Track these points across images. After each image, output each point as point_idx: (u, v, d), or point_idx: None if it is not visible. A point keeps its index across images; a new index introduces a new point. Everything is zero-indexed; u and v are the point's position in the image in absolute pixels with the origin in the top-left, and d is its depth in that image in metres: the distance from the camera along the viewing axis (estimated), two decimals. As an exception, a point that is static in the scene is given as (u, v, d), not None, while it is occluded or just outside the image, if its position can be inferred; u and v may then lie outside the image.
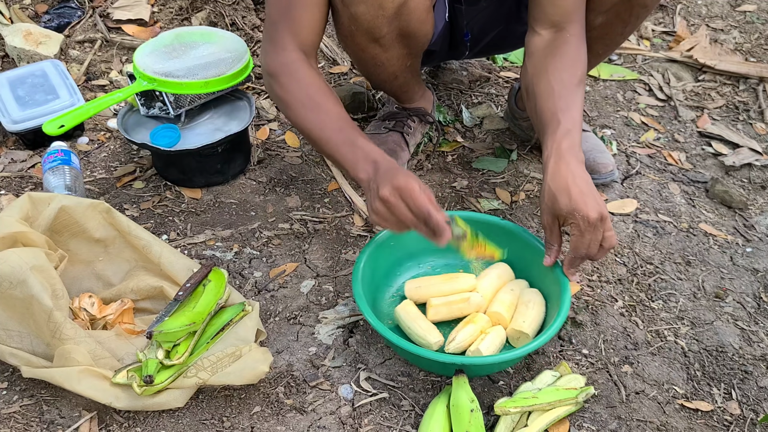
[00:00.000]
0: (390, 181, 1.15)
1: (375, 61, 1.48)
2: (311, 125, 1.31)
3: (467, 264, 1.44)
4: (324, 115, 1.30)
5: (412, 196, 1.13)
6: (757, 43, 2.34)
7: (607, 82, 2.15)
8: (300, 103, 1.32)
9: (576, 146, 1.24)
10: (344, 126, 1.29)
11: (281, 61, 1.34)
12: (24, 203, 1.28)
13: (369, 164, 1.22)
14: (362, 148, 1.25)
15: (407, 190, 1.14)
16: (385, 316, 1.34)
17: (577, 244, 1.20)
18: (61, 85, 1.82)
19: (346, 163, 1.27)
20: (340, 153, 1.27)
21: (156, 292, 1.30)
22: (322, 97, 1.32)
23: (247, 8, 2.22)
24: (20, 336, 1.18)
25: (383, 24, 1.36)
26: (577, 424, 1.19)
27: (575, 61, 1.34)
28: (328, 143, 1.29)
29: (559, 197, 1.20)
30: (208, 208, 1.62)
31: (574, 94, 1.30)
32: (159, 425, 1.16)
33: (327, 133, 1.29)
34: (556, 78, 1.30)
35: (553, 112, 1.27)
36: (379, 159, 1.23)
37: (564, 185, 1.19)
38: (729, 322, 1.40)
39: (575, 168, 1.21)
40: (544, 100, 1.30)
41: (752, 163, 1.81)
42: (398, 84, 1.62)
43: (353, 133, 1.28)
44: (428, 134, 1.82)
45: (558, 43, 1.34)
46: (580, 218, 1.17)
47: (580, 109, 1.30)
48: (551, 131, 1.26)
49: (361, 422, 1.18)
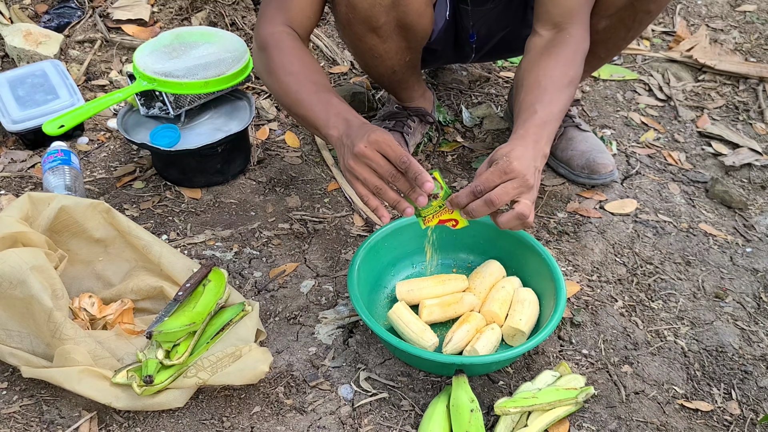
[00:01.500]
0: (365, 135, 1.14)
1: (373, 52, 1.48)
2: (288, 87, 1.30)
3: (460, 263, 1.44)
4: (302, 77, 1.30)
5: (390, 146, 1.12)
6: (757, 43, 2.34)
7: (607, 82, 2.15)
8: (280, 67, 1.32)
9: (543, 139, 1.20)
10: (320, 88, 1.28)
11: (268, 31, 1.35)
12: (24, 203, 1.28)
13: (341, 121, 1.21)
14: (335, 106, 1.24)
15: (384, 141, 1.12)
16: (380, 318, 1.34)
17: (483, 177, 1.13)
18: (61, 85, 1.82)
19: (318, 121, 1.25)
20: (313, 111, 1.26)
21: (156, 292, 1.30)
22: (302, 63, 1.32)
23: (247, 8, 2.22)
24: (20, 336, 1.18)
25: (381, 13, 1.36)
26: (577, 424, 1.19)
27: (569, 62, 1.32)
28: (302, 104, 1.28)
29: (502, 148, 1.16)
30: (208, 208, 1.62)
31: (561, 93, 1.28)
32: (159, 425, 1.16)
33: (302, 94, 1.28)
34: (545, 74, 1.29)
35: (531, 103, 1.25)
36: (351, 117, 1.22)
37: (510, 147, 1.15)
38: (729, 322, 1.40)
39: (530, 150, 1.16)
40: (528, 93, 1.28)
41: (752, 163, 1.81)
42: (397, 80, 1.62)
43: (328, 95, 1.27)
44: (428, 134, 1.82)
45: (556, 42, 1.34)
46: (504, 160, 1.13)
47: (562, 108, 1.27)
48: (524, 119, 1.23)
49: (361, 422, 1.18)
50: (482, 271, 1.38)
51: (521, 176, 1.12)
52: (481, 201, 1.14)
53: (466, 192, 1.15)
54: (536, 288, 1.34)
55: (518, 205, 1.14)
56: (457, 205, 1.18)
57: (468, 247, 1.43)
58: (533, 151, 1.17)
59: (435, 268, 1.43)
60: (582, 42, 1.35)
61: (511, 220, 1.15)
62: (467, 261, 1.45)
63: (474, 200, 1.15)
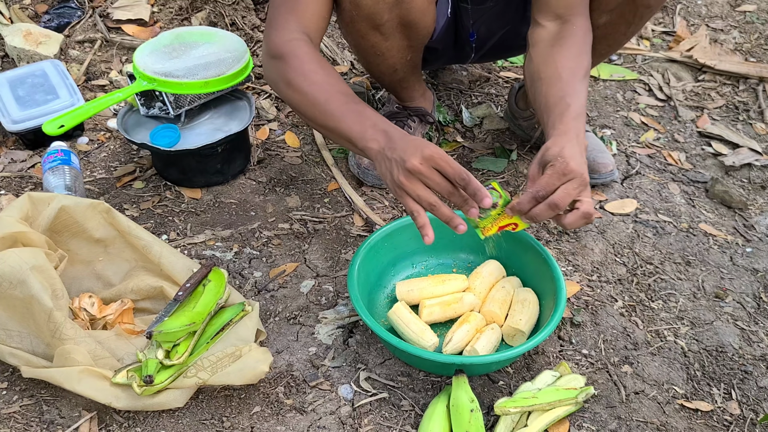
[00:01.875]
0: (417, 150, 1.10)
1: (375, 50, 1.47)
2: (314, 98, 1.24)
3: (460, 263, 1.44)
4: (328, 86, 1.24)
5: (448, 162, 1.09)
6: (757, 43, 2.34)
7: (607, 82, 2.15)
8: (302, 77, 1.25)
9: (582, 132, 1.20)
10: (349, 99, 1.23)
11: (283, 39, 1.29)
12: (24, 203, 1.28)
13: (379, 133, 1.16)
14: (370, 117, 1.19)
15: (440, 158, 1.09)
16: (380, 318, 1.34)
17: (543, 181, 1.12)
18: (61, 85, 1.82)
19: (353, 134, 1.19)
20: (346, 124, 1.20)
21: (156, 292, 1.30)
22: (325, 72, 1.26)
23: (247, 8, 2.22)
24: (20, 336, 1.18)
25: (384, 10, 1.36)
26: (577, 424, 1.19)
27: (581, 53, 1.31)
28: (332, 115, 1.22)
29: (552, 149, 1.14)
30: (208, 208, 1.62)
31: (582, 84, 1.27)
32: (159, 425, 1.16)
33: (332, 105, 1.22)
34: (563, 66, 1.27)
35: (560, 96, 1.23)
36: (389, 129, 1.17)
37: (560, 146, 1.14)
38: (729, 322, 1.40)
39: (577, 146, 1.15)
40: (551, 85, 1.25)
41: (752, 163, 1.81)
42: (398, 78, 1.62)
43: (359, 105, 1.22)
44: (428, 134, 1.82)
45: (564, 34, 1.32)
46: (560, 161, 1.11)
47: (585, 99, 1.26)
48: (559, 113, 1.20)
49: (361, 422, 1.18)
50: (482, 271, 1.38)
51: (579, 175, 1.11)
52: (545, 205, 1.12)
53: (527, 198, 1.13)
54: (536, 288, 1.34)
55: (582, 205, 1.13)
56: (519, 212, 1.16)
57: (468, 247, 1.43)
58: (579, 147, 1.16)
59: (423, 266, 1.43)
60: (588, 33, 1.35)
61: (578, 220, 1.14)
62: (467, 261, 1.45)
63: (536, 205, 1.13)
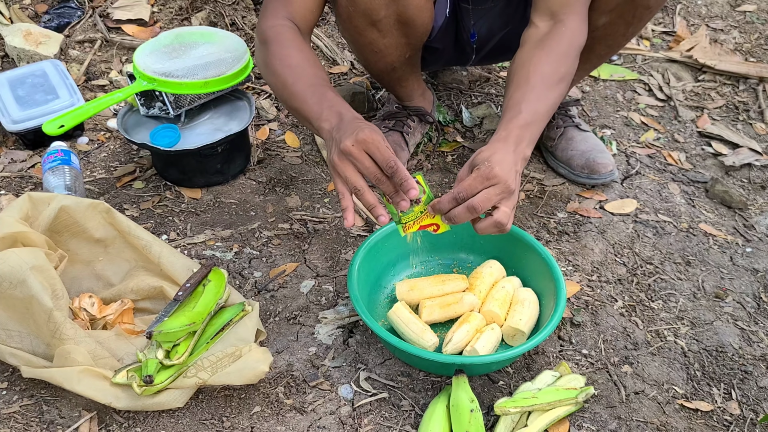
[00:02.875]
0: (354, 133, 1.12)
1: (373, 47, 1.48)
2: (285, 80, 1.29)
3: (460, 263, 1.44)
4: (299, 70, 1.28)
5: (379, 148, 1.11)
6: (757, 43, 2.34)
7: (607, 82, 2.15)
8: (278, 59, 1.30)
9: (525, 140, 1.19)
10: (317, 81, 1.27)
11: (269, 24, 1.34)
12: (24, 203, 1.28)
13: (333, 115, 1.20)
14: (329, 99, 1.23)
15: (373, 142, 1.11)
16: (380, 318, 1.34)
17: (465, 183, 1.12)
18: (61, 85, 1.82)
19: (311, 114, 1.23)
20: (308, 104, 1.24)
21: (156, 292, 1.30)
22: (302, 56, 1.30)
23: (247, 8, 2.22)
24: (20, 336, 1.18)
25: (381, 6, 1.37)
26: (577, 424, 1.19)
27: (562, 58, 1.30)
28: (297, 96, 1.27)
29: (483, 152, 1.15)
30: (208, 208, 1.62)
31: (550, 91, 1.26)
32: (159, 425, 1.16)
33: (297, 86, 1.27)
34: (536, 71, 1.27)
35: (517, 101, 1.23)
36: (344, 111, 1.20)
37: (491, 151, 1.14)
38: (729, 322, 1.40)
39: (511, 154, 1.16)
40: (516, 89, 1.26)
41: (752, 163, 1.81)
42: (396, 77, 1.62)
43: (324, 88, 1.26)
44: (428, 134, 1.82)
45: (551, 36, 1.31)
46: (486, 166, 1.12)
47: (550, 107, 1.26)
48: (508, 118, 1.22)
49: (361, 422, 1.18)
50: (482, 271, 1.38)
51: (503, 182, 1.12)
52: (464, 207, 1.13)
53: (448, 198, 1.14)
54: (536, 288, 1.34)
55: (497, 213, 1.14)
56: (439, 211, 1.17)
57: (468, 247, 1.43)
58: (514, 155, 1.16)
59: (423, 267, 1.43)
60: (578, 35, 1.33)
61: (488, 227, 1.16)
62: (467, 261, 1.45)
63: (456, 206, 1.14)
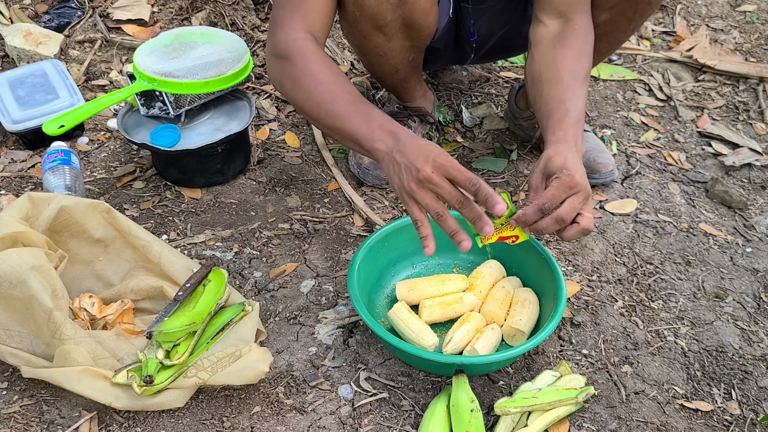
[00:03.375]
0: (428, 158, 1.09)
1: (377, 50, 1.47)
2: (320, 98, 1.23)
3: (461, 263, 1.44)
4: (335, 87, 1.23)
5: (459, 169, 1.08)
6: (757, 43, 2.34)
7: (607, 82, 2.15)
8: (309, 77, 1.24)
9: (581, 138, 1.20)
10: (356, 98, 1.22)
11: (289, 38, 1.28)
12: (24, 203, 1.28)
13: (387, 134, 1.16)
14: (377, 118, 1.18)
15: (452, 165, 1.08)
16: (380, 318, 1.34)
17: (549, 194, 1.11)
18: (61, 85, 1.82)
19: (360, 135, 1.18)
20: (353, 124, 1.19)
21: (156, 292, 1.30)
22: (331, 71, 1.25)
23: (247, 8, 2.22)
24: (20, 336, 1.18)
25: (387, 11, 1.36)
26: (577, 424, 1.19)
27: (582, 54, 1.31)
28: (338, 116, 1.21)
29: (555, 159, 1.14)
30: (208, 208, 1.62)
31: (582, 87, 1.27)
32: (159, 425, 1.16)
33: (338, 105, 1.22)
34: (564, 68, 1.27)
35: (560, 100, 1.23)
36: (396, 130, 1.16)
37: (563, 156, 1.14)
38: (729, 322, 1.40)
39: (576, 154, 1.16)
40: (552, 88, 1.25)
41: (752, 163, 1.81)
42: (399, 79, 1.62)
43: (366, 105, 1.21)
44: (428, 134, 1.82)
45: (566, 34, 1.32)
46: (566, 174, 1.11)
47: (585, 102, 1.26)
48: (558, 118, 1.21)
49: (361, 422, 1.18)
50: (482, 271, 1.38)
51: (584, 189, 1.11)
52: (551, 219, 1.12)
53: (533, 210, 1.12)
54: (536, 288, 1.34)
55: (583, 220, 1.12)
56: (524, 223, 1.14)
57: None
58: (579, 156, 1.16)
59: (423, 266, 1.43)
60: (589, 32, 1.35)
61: (577, 234, 1.14)
62: (467, 261, 1.45)
63: (542, 218, 1.12)
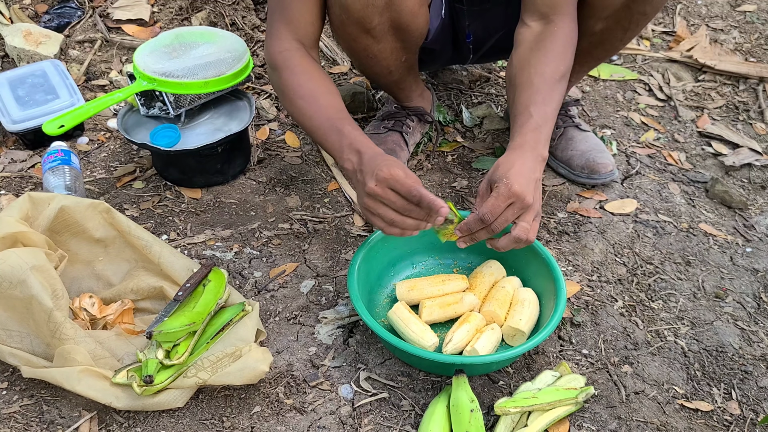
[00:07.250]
0: (374, 173, 1.15)
1: (367, 52, 1.48)
2: (303, 113, 1.33)
3: (461, 263, 1.44)
4: (312, 101, 1.32)
5: (399, 181, 1.14)
6: (757, 43, 2.34)
7: (607, 82, 2.15)
8: (292, 92, 1.34)
9: (541, 143, 1.24)
10: (333, 115, 1.30)
11: (277, 50, 1.36)
12: (24, 203, 1.28)
13: (353, 154, 1.23)
14: (347, 136, 1.25)
15: (392, 177, 1.14)
16: (380, 318, 1.34)
17: (486, 206, 1.17)
18: (61, 85, 1.82)
19: (334, 152, 1.28)
20: (329, 141, 1.28)
21: (156, 292, 1.30)
22: (314, 86, 1.33)
23: (247, 8, 2.22)
24: (20, 336, 1.18)
25: (374, 14, 1.36)
26: (577, 424, 1.19)
27: (560, 56, 1.33)
28: (317, 131, 1.30)
29: (501, 167, 1.19)
30: (208, 208, 1.62)
31: (553, 90, 1.30)
32: (159, 425, 1.16)
33: (316, 121, 1.30)
34: (537, 71, 1.30)
35: (526, 105, 1.27)
36: (362, 149, 1.22)
37: (511, 163, 1.19)
38: (729, 322, 1.40)
39: (529, 161, 1.20)
40: (521, 93, 1.30)
41: (752, 163, 1.81)
42: (394, 80, 1.62)
43: (341, 122, 1.28)
44: (428, 134, 1.82)
45: (545, 36, 1.34)
46: (503, 184, 1.16)
47: (556, 106, 1.30)
48: (520, 124, 1.26)
49: (361, 422, 1.18)
50: (482, 271, 1.38)
51: (520, 199, 1.16)
52: (484, 231, 1.20)
53: (474, 220, 1.19)
54: (536, 288, 1.34)
55: (515, 230, 1.19)
56: (467, 231, 1.22)
57: (468, 247, 1.43)
58: (532, 162, 1.20)
59: (423, 266, 1.45)
60: (571, 34, 1.36)
61: (509, 244, 1.21)
62: (467, 261, 1.45)
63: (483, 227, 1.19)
